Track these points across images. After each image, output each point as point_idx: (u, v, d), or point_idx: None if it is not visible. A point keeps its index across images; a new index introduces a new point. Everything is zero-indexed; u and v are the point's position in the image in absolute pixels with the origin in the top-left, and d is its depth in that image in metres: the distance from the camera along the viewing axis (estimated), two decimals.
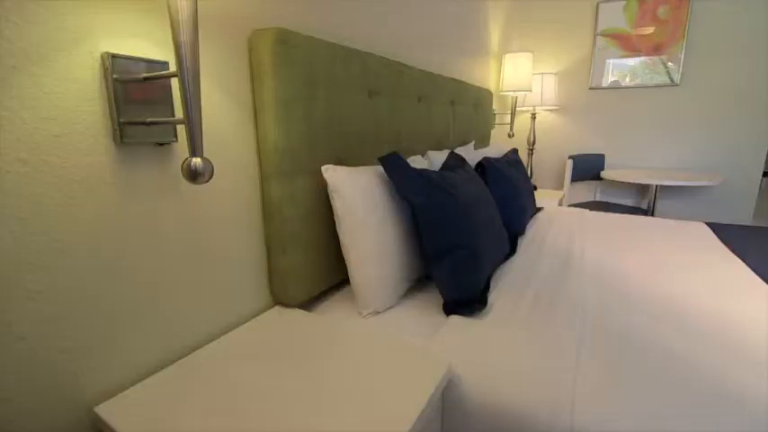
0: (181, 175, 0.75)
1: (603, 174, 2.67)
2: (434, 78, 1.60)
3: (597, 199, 3.01)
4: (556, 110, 3.07)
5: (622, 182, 2.71)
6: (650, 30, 2.70)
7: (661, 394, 0.68)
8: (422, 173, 1.00)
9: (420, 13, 1.60)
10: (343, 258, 0.98)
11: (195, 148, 0.60)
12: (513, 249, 1.41)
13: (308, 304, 1.01)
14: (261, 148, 0.88)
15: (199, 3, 0.74)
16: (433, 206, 0.95)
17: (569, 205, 2.71)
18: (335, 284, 1.08)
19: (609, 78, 2.86)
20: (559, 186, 3.14)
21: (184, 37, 0.57)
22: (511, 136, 2.65)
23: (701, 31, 2.58)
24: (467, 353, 0.80)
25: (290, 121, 0.86)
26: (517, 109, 3.00)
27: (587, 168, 2.85)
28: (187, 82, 0.58)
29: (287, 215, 0.89)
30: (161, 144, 0.71)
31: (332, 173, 0.91)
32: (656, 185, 2.48)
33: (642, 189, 2.90)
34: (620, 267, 1.26)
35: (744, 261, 1.31)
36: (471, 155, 1.73)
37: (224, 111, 0.82)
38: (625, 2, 2.76)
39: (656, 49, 2.73)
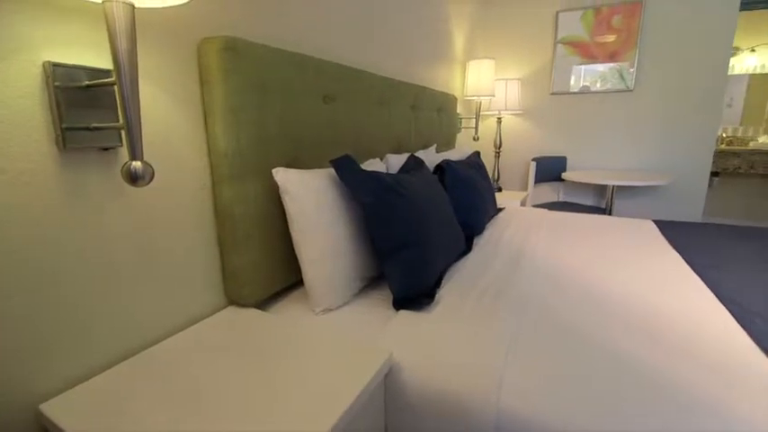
0: None
1: (565, 175, 2.79)
2: (395, 84, 1.65)
3: (560, 199, 3.13)
4: (520, 114, 3.18)
5: (583, 182, 2.83)
6: (612, 38, 2.85)
7: (588, 383, 0.72)
8: (372, 174, 1.04)
9: (383, 23, 1.66)
10: (297, 258, 1.01)
11: (135, 152, 0.63)
12: (468, 247, 1.47)
13: (264, 304, 1.04)
14: (211, 151, 0.91)
15: (148, 11, 0.77)
16: (383, 206, 1.00)
17: (534, 206, 2.82)
18: (292, 284, 1.11)
19: (581, 83, 2.98)
20: (525, 188, 3.25)
21: (122, 46, 0.60)
22: (476, 139, 2.73)
23: (652, 39, 2.74)
24: (409, 344, 0.85)
25: (240, 125, 0.89)
26: (483, 113, 3.10)
27: (550, 170, 2.97)
28: (125, 89, 0.61)
29: (238, 217, 0.92)
30: (106, 149, 0.74)
31: (283, 175, 0.95)
32: (613, 186, 2.61)
33: (601, 189, 3.04)
34: (567, 263, 1.34)
35: (682, 255, 1.41)
36: (432, 157, 1.79)
37: (173, 116, 0.84)
38: (582, 11, 2.90)
39: (612, 57, 2.88)
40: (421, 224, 1.08)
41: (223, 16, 0.93)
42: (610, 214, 2.66)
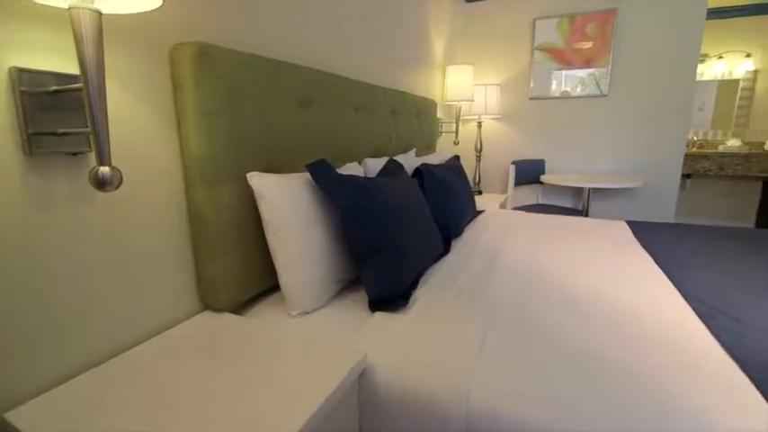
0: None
1: (543, 178, 2.86)
2: (374, 89, 1.68)
3: (540, 201, 3.20)
4: (500, 118, 3.25)
5: (561, 185, 2.90)
6: (588, 45, 2.93)
7: (557, 380, 0.74)
8: (348, 178, 1.06)
9: (363, 29, 1.68)
10: (273, 262, 1.02)
11: (102, 158, 0.63)
12: (446, 249, 1.49)
13: (240, 308, 1.04)
14: (185, 156, 0.91)
15: (118, 16, 0.77)
16: (358, 210, 1.01)
17: (514, 208, 2.87)
18: (269, 288, 1.11)
19: (562, 88, 3.06)
20: (505, 190, 3.31)
21: (89, 52, 0.60)
22: (456, 143, 2.78)
23: (625, 46, 2.84)
24: (383, 345, 0.86)
25: (214, 130, 0.90)
26: (464, 117, 3.15)
27: (529, 173, 3.03)
28: (92, 95, 0.61)
29: (212, 222, 0.92)
30: (75, 154, 0.73)
31: (258, 180, 0.95)
32: (589, 188, 2.68)
33: (578, 191, 3.11)
34: (541, 264, 1.37)
35: (651, 255, 1.47)
36: (412, 161, 1.82)
37: (145, 121, 0.85)
38: (558, 19, 2.98)
39: (587, 63, 2.97)
40: (397, 227, 1.10)
41: (196, 21, 0.94)
42: (586, 216, 2.73)
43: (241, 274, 0.99)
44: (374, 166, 1.49)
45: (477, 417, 0.71)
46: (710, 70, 3.78)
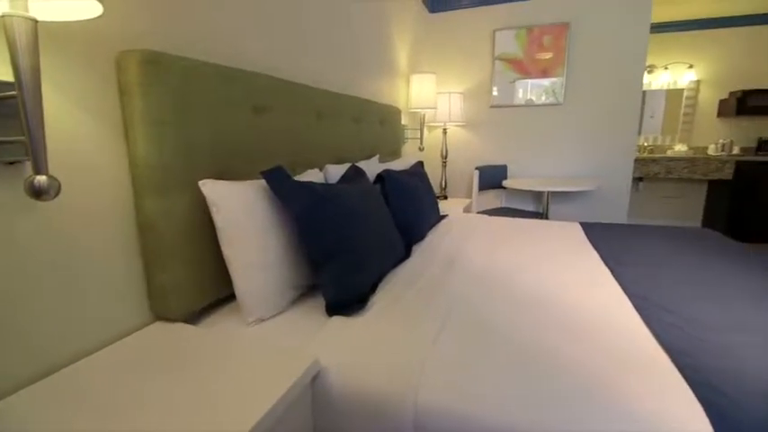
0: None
1: (505, 183, 2.96)
2: (337, 97, 1.70)
3: (503, 205, 3.30)
4: (464, 125, 3.34)
5: (522, 189, 3.01)
6: (548, 55, 3.07)
7: (504, 375, 0.78)
8: (304, 185, 1.07)
9: (326, 38, 1.70)
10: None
11: (39, 167, 0.62)
12: (407, 253, 1.53)
13: (194, 318, 1.02)
14: (132, 164, 0.89)
15: (63, 23, 0.76)
16: (314, 216, 1.03)
17: (478, 212, 2.95)
18: (226, 296, 1.10)
19: (527, 96, 3.17)
20: (470, 195, 3.40)
21: (24, 62, 0.59)
22: (421, 149, 2.84)
23: (577, 57, 3.00)
24: (338, 348, 0.87)
25: (163, 138, 0.89)
26: (429, 124, 3.22)
27: (493, 178, 3.13)
28: (27, 103, 0.60)
29: (163, 230, 0.91)
30: (11, 163, 0.71)
31: (210, 187, 0.95)
32: (547, 192, 2.80)
33: (539, 195, 3.24)
34: (496, 265, 1.42)
35: (599, 253, 1.55)
36: (375, 168, 1.85)
37: (89, 129, 0.83)
38: (516, 31, 3.12)
39: (544, 73, 3.11)
40: (354, 232, 1.12)
41: (146, 28, 0.93)
42: (546, 218, 2.84)
43: (194, 283, 0.98)
44: (335, 172, 1.50)
45: (424, 413, 0.73)
46: (658, 80, 4.04)
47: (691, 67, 3.91)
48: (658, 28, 3.81)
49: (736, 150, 3.77)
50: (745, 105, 3.57)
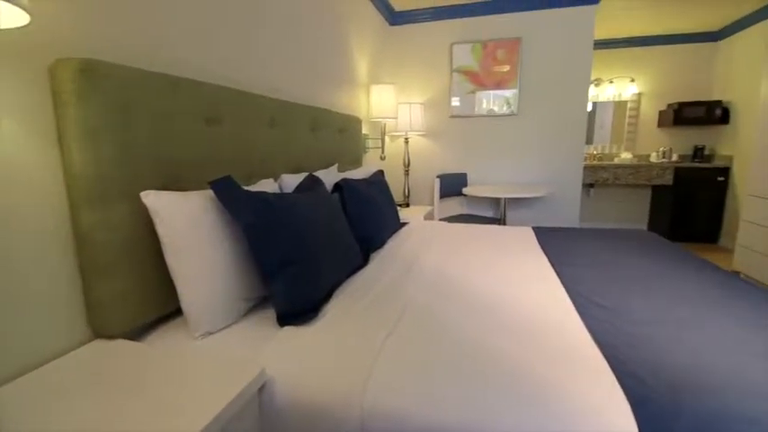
0: None
1: (464, 190, 3.05)
2: (292, 106, 1.70)
3: (464, 212, 3.40)
4: (425, 135, 3.43)
5: (480, 196, 3.12)
6: (506, 68, 3.21)
7: (450, 376, 0.80)
8: (254, 194, 1.07)
9: (281, 48, 1.71)
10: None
11: None
12: (365, 261, 1.54)
13: (138, 334, 0.99)
14: (68, 175, 0.86)
15: None
16: (264, 225, 1.02)
17: (440, 219, 3.02)
18: (175, 310, 1.07)
19: (490, 106, 3.28)
20: (432, 202, 3.47)
21: None
22: (383, 158, 2.88)
23: (529, 71, 3.16)
24: (287, 358, 0.87)
25: (100, 148, 0.87)
26: (391, 134, 3.28)
27: (454, 185, 3.21)
28: None
29: (102, 243, 0.88)
30: None
31: (153, 198, 0.93)
32: (504, 198, 2.91)
33: (497, 201, 3.36)
34: (451, 269, 1.47)
35: (547, 255, 1.63)
36: (334, 177, 1.86)
37: (19, 140, 0.79)
38: (472, 44, 3.25)
39: (499, 85, 3.25)
40: (306, 242, 1.12)
41: (85, 37, 0.91)
42: (504, 224, 2.95)
43: (137, 297, 0.95)
44: (291, 182, 1.50)
45: (370, 417, 0.74)
46: (605, 93, 4.32)
47: (632, 80, 4.20)
48: (603, 44, 4.08)
49: (675, 157, 4.08)
50: (681, 116, 3.88)
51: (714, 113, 3.76)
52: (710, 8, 3.30)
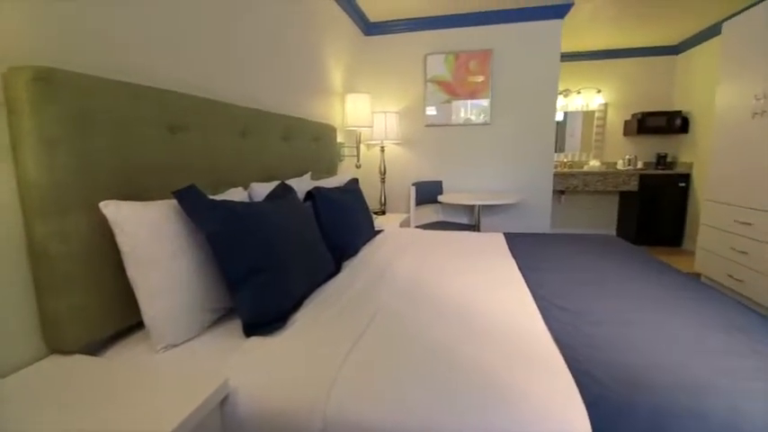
0: None
1: (440, 198, 3.09)
2: (264, 115, 1.70)
3: (440, 219, 3.44)
4: (400, 143, 3.47)
5: (455, 204, 3.17)
6: (481, 78, 3.29)
7: (416, 381, 0.81)
8: (219, 203, 1.06)
9: (253, 57, 1.71)
10: None
11: None
12: (338, 269, 1.54)
13: (97, 348, 0.96)
14: (21, 186, 0.83)
15: None
16: (228, 234, 1.01)
17: (416, 226, 3.04)
18: (138, 323, 1.04)
19: (466, 116, 3.35)
20: (409, 210, 3.51)
21: None
22: (358, 167, 2.89)
23: (500, 81, 3.25)
24: (251, 368, 0.86)
25: (56, 158, 0.84)
26: (367, 142, 3.30)
27: (429, 193, 3.26)
28: None
29: (58, 255, 0.85)
30: None
31: (113, 208, 0.91)
32: (478, 205, 2.97)
33: (471, 208, 3.42)
34: (422, 275, 1.48)
35: (516, 260, 1.67)
36: (306, 185, 1.85)
37: None
38: (445, 55, 3.32)
39: (472, 95, 3.33)
40: (275, 250, 1.11)
41: (43, 46, 0.89)
42: (478, 230, 3.00)
43: (96, 311, 0.92)
44: (262, 190, 1.49)
45: (333, 425, 0.74)
46: (573, 103, 4.48)
47: (599, 91, 4.38)
48: (570, 57, 4.25)
49: (640, 165, 4.26)
50: (645, 125, 4.06)
51: (675, 123, 3.96)
52: (668, 24, 3.49)
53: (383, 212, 3.11)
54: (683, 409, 0.72)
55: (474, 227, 3.07)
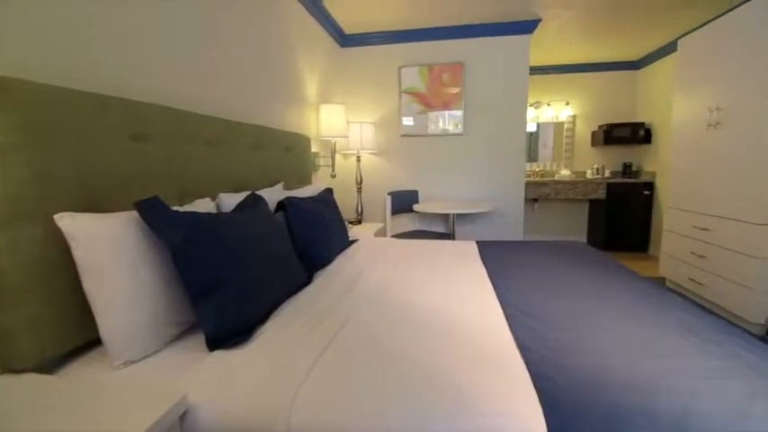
0: None
1: (415, 207, 3.13)
2: (233, 125, 1.69)
3: (416, 228, 3.47)
4: (376, 153, 3.50)
5: (430, 212, 3.21)
6: (456, 90, 3.36)
7: (382, 388, 0.82)
8: (182, 214, 1.04)
9: (225, 67, 1.70)
10: None
11: None
12: (309, 279, 1.53)
13: (51, 366, 0.91)
14: None
15: None
16: (191, 245, 1.00)
17: (393, 235, 3.06)
18: (97, 338, 1.01)
19: (446, 126, 3.41)
20: (385, 219, 3.53)
21: None
22: (333, 176, 2.90)
23: (472, 93, 3.34)
24: (212, 383, 0.85)
25: (9, 168, 0.81)
26: (344, 152, 3.32)
27: (405, 202, 3.29)
28: None
29: (7, 268, 0.82)
30: None
31: (68, 220, 0.88)
32: (452, 214, 3.02)
33: (447, 217, 3.47)
34: (393, 284, 1.49)
35: (486, 268, 1.70)
36: (279, 195, 1.84)
37: None
38: (419, 67, 3.39)
39: (446, 106, 3.40)
40: (241, 261, 1.10)
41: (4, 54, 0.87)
42: (453, 238, 3.04)
43: (50, 326, 0.89)
44: (231, 201, 1.47)
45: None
46: (544, 114, 4.64)
47: (568, 103, 4.56)
48: (540, 70, 4.41)
49: (607, 174, 4.43)
50: (611, 136, 4.24)
51: (638, 134, 4.15)
52: (630, 40, 3.68)
53: (359, 222, 3.12)
54: (634, 409, 0.75)
55: (449, 235, 3.11)
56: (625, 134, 4.20)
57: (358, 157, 3.27)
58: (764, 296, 2.13)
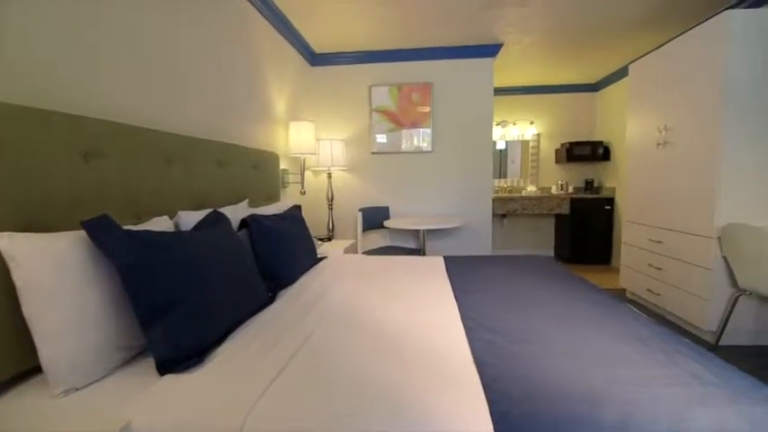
0: None
1: (386, 223, 3.15)
2: (194, 141, 1.67)
3: (388, 244, 3.49)
4: (347, 170, 3.52)
5: (400, 228, 3.23)
6: (426, 109, 3.44)
7: (334, 410, 0.81)
8: (133, 234, 1.01)
9: (190, 83, 1.69)
10: None
11: None
12: (272, 299, 1.51)
13: None
14: None
15: None
16: (141, 266, 0.97)
17: (365, 252, 3.06)
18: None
19: (420, 144, 3.47)
20: (356, 236, 3.53)
21: None
22: (303, 193, 2.89)
23: (440, 112, 3.44)
24: (161, 408, 0.81)
25: None
26: (314, 169, 3.32)
27: (377, 218, 3.30)
28: None
29: None
30: None
31: (6, 241, 0.84)
32: (422, 230, 3.05)
33: (417, 233, 3.51)
34: (358, 301, 1.49)
35: (451, 282, 1.73)
36: (243, 212, 1.82)
37: None
38: (389, 87, 3.47)
39: (414, 124, 3.48)
40: (195, 282, 1.07)
41: None
42: (424, 254, 3.07)
43: None
44: (191, 219, 1.44)
45: None
46: (510, 133, 4.81)
47: (532, 123, 4.76)
48: (505, 91, 4.59)
49: (570, 189, 4.62)
50: (573, 154, 4.43)
51: (598, 152, 4.36)
52: (588, 64, 3.90)
53: (329, 239, 3.10)
54: (578, 418, 0.77)
55: (420, 251, 3.14)
56: (585, 152, 4.40)
57: (329, 173, 3.28)
58: (715, 305, 2.25)
